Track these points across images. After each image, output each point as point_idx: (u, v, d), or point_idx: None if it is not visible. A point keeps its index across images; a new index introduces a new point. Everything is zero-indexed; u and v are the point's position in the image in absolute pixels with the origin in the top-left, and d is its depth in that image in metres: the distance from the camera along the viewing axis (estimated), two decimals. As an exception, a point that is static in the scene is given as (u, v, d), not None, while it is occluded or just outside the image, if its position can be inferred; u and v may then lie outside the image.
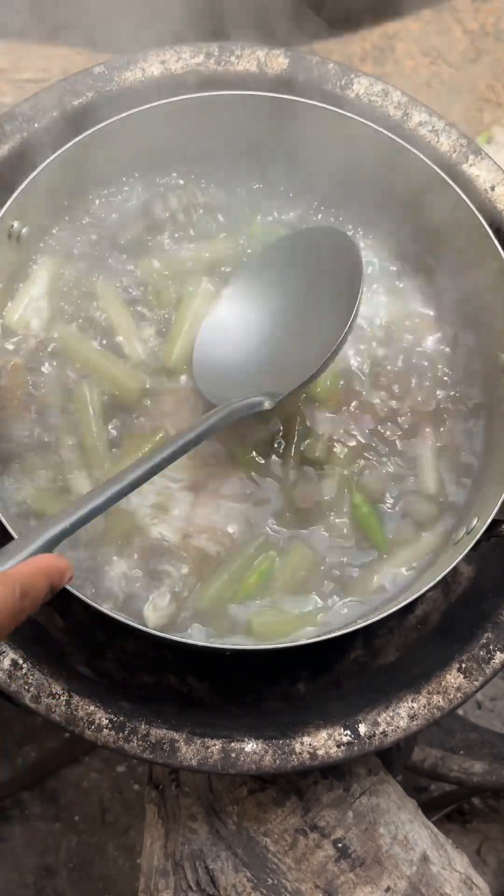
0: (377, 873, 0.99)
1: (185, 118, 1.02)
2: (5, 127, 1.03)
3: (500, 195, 1.05)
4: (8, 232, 0.96)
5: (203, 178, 1.09)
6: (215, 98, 1.00)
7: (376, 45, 1.96)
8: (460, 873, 1.03)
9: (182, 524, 0.98)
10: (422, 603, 1.10)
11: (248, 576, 0.96)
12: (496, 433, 1.01)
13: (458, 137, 1.06)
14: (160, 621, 0.94)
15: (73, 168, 0.99)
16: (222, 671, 1.05)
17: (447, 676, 0.94)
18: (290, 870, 0.98)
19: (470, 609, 1.04)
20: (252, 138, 1.05)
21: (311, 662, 1.07)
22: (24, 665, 0.91)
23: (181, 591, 0.96)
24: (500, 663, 0.95)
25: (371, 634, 1.09)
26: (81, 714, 0.89)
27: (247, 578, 0.96)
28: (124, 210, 1.07)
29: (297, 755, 0.90)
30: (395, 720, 0.92)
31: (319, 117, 1.00)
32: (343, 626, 0.94)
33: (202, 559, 0.97)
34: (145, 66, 1.06)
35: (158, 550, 0.97)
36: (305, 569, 0.98)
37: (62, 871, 1.58)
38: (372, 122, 1.00)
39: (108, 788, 1.63)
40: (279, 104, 1.00)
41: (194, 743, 0.89)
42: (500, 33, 1.97)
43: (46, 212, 1.02)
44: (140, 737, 0.89)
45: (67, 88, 1.05)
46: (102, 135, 0.98)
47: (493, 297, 0.99)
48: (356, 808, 1.02)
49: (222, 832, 1.00)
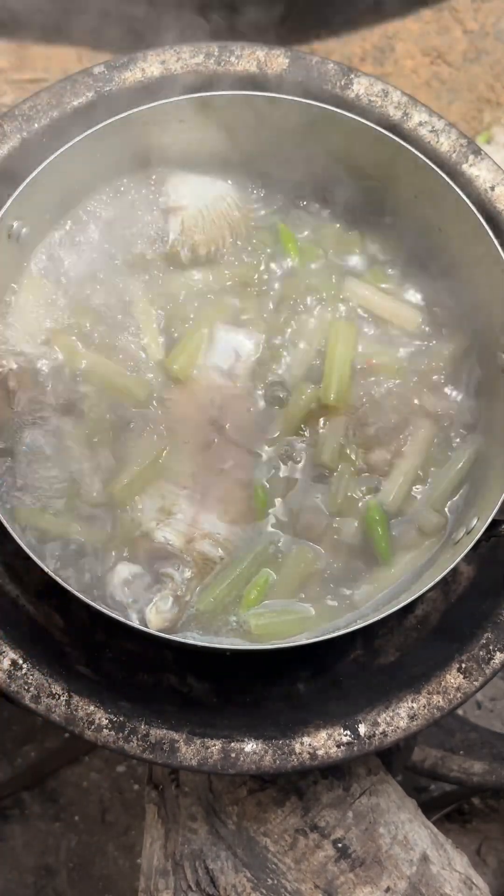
0: (377, 873, 0.99)
1: (185, 118, 1.02)
2: (5, 127, 1.03)
3: (500, 195, 1.05)
4: (8, 232, 0.96)
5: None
6: (215, 98, 1.00)
7: (376, 45, 1.96)
8: (460, 873, 1.03)
9: (186, 528, 0.98)
10: (422, 603, 1.10)
11: (248, 591, 0.97)
12: (496, 433, 1.01)
13: (457, 137, 1.06)
14: (162, 624, 0.95)
15: (74, 168, 0.99)
16: (222, 671, 1.05)
17: (447, 676, 0.94)
18: (289, 870, 0.98)
19: (470, 609, 1.04)
20: (252, 138, 1.05)
21: (311, 662, 1.07)
22: (24, 665, 0.91)
23: (184, 595, 0.96)
24: (500, 663, 0.95)
25: (371, 634, 1.09)
26: (81, 714, 0.89)
27: (247, 594, 0.97)
28: (124, 209, 1.07)
29: (297, 755, 0.90)
30: (395, 720, 0.92)
31: (319, 117, 1.00)
32: (343, 626, 0.94)
33: (205, 563, 0.98)
34: (145, 67, 1.06)
35: (162, 554, 0.97)
36: (306, 572, 0.98)
37: (62, 871, 1.58)
38: (372, 122, 1.00)
39: (108, 788, 1.63)
40: (278, 104, 1.00)
41: (194, 743, 0.89)
42: (500, 33, 1.97)
43: (46, 212, 1.02)
44: (140, 737, 0.89)
45: (67, 88, 1.05)
46: (102, 135, 0.98)
47: (493, 297, 0.99)
48: (356, 808, 1.02)
49: (222, 832, 1.00)
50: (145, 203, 1.07)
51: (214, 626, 0.96)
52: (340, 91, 1.07)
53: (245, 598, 0.97)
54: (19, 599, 1.04)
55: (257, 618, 0.96)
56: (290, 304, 1.05)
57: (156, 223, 1.06)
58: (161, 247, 1.05)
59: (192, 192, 1.06)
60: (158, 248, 1.05)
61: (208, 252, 1.05)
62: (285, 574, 0.98)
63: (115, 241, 1.06)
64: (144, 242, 1.06)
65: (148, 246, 1.06)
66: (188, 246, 1.04)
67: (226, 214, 1.05)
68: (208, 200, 1.05)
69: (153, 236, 1.06)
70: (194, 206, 1.05)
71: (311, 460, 1.01)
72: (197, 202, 1.05)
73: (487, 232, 0.97)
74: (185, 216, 1.04)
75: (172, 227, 1.05)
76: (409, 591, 0.95)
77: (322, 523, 1.00)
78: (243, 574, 0.97)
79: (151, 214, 1.07)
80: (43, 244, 1.04)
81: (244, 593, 0.97)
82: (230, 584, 0.96)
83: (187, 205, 1.05)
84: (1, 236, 0.95)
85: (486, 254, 0.97)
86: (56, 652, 1.01)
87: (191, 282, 1.05)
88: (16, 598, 1.04)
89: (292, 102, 1.00)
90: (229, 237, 1.06)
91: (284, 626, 0.97)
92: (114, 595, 0.96)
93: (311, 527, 0.99)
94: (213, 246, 1.05)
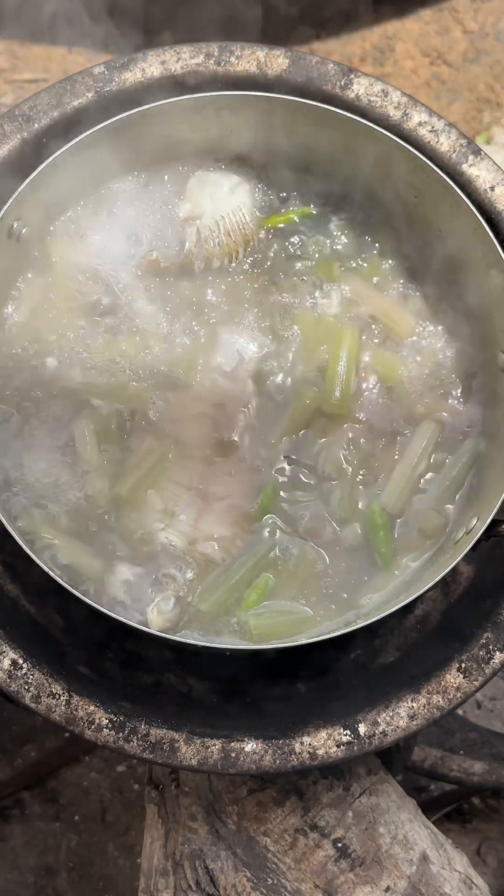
0: (377, 873, 0.99)
1: (185, 118, 1.02)
2: (5, 127, 1.03)
3: (500, 195, 1.05)
4: (8, 232, 0.96)
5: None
6: (215, 98, 1.00)
7: (376, 46, 1.96)
8: (460, 873, 1.03)
9: (188, 529, 0.98)
10: (421, 603, 1.10)
11: (249, 593, 0.97)
12: (496, 434, 1.01)
13: (457, 137, 1.06)
14: (164, 624, 0.95)
15: (73, 168, 0.99)
16: (222, 671, 1.05)
17: (447, 676, 0.94)
18: (289, 869, 0.98)
19: (470, 609, 1.04)
20: (251, 138, 1.05)
21: (311, 662, 1.07)
22: (24, 665, 0.91)
23: (185, 596, 0.96)
24: (500, 663, 0.95)
25: (371, 634, 1.09)
26: (81, 714, 0.89)
27: (248, 596, 0.97)
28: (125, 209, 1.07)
29: (297, 755, 0.90)
30: (394, 720, 0.92)
31: (319, 117, 1.00)
32: (343, 626, 0.94)
33: (207, 564, 0.98)
34: (145, 67, 1.06)
35: (164, 555, 0.97)
36: (307, 574, 0.98)
37: (62, 871, 1.58)
38: (372, 122, 1.00)
39: (108, 788, 1.63)
40: (278, 104, 1.00)
41: (194, 743, 0.89)
42: (499, 33, 1.98)
43: (46, 212, 1.03)
44: (140, 736, 0.89)
45: (67, 88, 1.05)
46: (102, 135, 0.98)
47: (493, 297, 0.99)
48: (356, 807, 1.02)
49: (222, 832, 1.00)
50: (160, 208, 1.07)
51: (215, 627, 0.96)
52: (340, 91, 1.07)
53: (245, 599, 0.97)
54: (19, 599, 1.05)
55: (257, 618, 0.96)
56: (293, 307, 1.05)
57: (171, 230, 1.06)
58: (176, 256, 1.05)
59: (210, 201, 1.06)
60: (173, 257, 1.05)
61: (222, 264, 1.05)
62: (286, 576, 0.98)
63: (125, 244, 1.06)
64: (158, 249, 1.06)
65: (161, 253, 1.06)
66: (202, 257, 1.04)
67: (241, 226, 1.05)
68: (224, 211, 1.05)
69: (165, 245, 1.06)
70: (210, 215, 1.05)
71: (313, 463, 1.01)
72: (213, 212, 1.05)
73: (487, 232, 0.97)
74: (200, 226, 1.05)
75: (189, 237, 1.05)
76: (409, 591, 0.95)
77: (324, 526, 1.00)
78: (245, 577, 0.97)
79: (167, 221, 1.07)
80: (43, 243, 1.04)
81: (245, 595, 0.97)
82: (232, 586, 0.97)
83: (203, 213, 1.05)
84: (1, 236, 0.95)
85: (486, 254, 0.97)
86: (56, 652, 1.01)
87: (200, 288, 1.05)
88: (16, 598, 1.04)
89: (292, 102, 1.00)
90: (243, 250, 1.06)
91: (284, 627, 0.97)
92: (115, 595, 0.96)
93: (313, 529, 1.00)
94: (227, 259, 1.05)
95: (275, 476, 1.01)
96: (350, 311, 1.06)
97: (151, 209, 1.07)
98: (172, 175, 1.08)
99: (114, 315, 1.03)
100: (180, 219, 1.06)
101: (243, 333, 1.03)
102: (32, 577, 1.03)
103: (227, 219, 1.05)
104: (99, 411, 1.00)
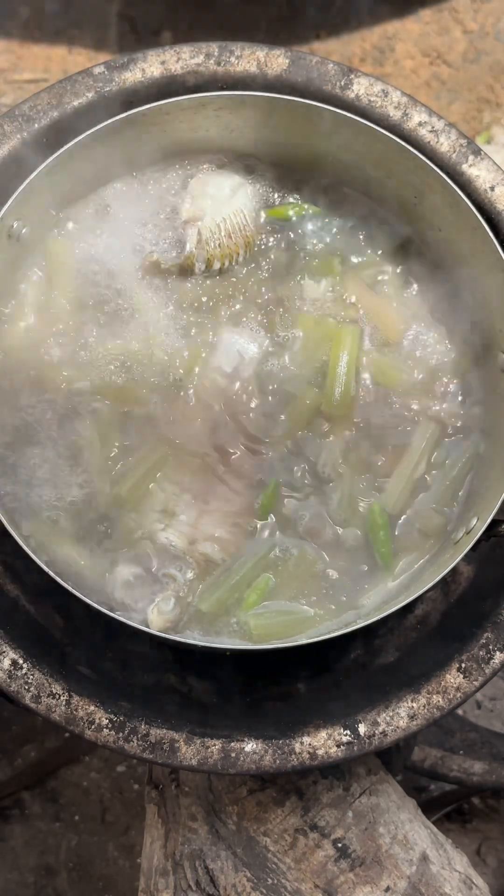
0: (377, 873, 0.99)
1: (185, 119, 1.02)
2: (5, 127, 1.03)
3: (500, 195, 1.05)
4: (8, 232, 0.96)
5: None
6: (215, 98, 1.01)
7: (376, 46, 1.96)
8: (460, 873, 1.03)
9: (188, 529, 0.98)
10: (421, 603, 1.10)
11: (249, 594, 0.97)
12: (496, 434, 1.01)
13: (457, 137, 1.06)
14: (164, 625, 0.95)
15: (74, 168, 0.99)
16: (222, 671, 1.06)
17: (447, 676, 0.94)
18: (289, 869, 0.98)
19: (469, 609, 1.04)
20: (251, 138, 1.05)
21: (311, 662, 1.07)
22: (24, 665, 0.91)
23: (186, 596, 0.97)
24: (500, 663, 0.95)
25: (371, 634, 1.09)
26: (81, 714, 0.90)
27: (248, 597, 0.97)
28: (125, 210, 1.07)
29: (297, 755, 0.90)
30: (394, 720, 0.92)
31: (318, 117, 1.00)
32: (343, 626, 0.94)
33: (207, 564, 0.98)
34: (145, 67, 1.06)
35: (165, 555, 0.97)
36: (307, 574, 0.98)
37: (62, 871, 1.58)
38: (372, 122, 1.00)
39: (108, 788, 1.63)
40: (278, 104, 1.00)
41: (194, 743, 0.89)
42: (499, 34, 1.98)
43: (47, 212, 1.03)
44: (140, 737, 0.89)
45: (67, 88, 1.05)
46: (102, 135, 0.98)
47: (493, 297, 0.99)
48: (356, 807, 1.02)
49: (222, 832, 1.00)
50: (161, 209, 1.07)
51: (215, 627, 0.97)
52: (340, 91, 1.07)
53: (245, 600, 0.97)
54: (19, 599, 1.05)
55: (257, 618, 0.96)
56: (294, 308, 1.05)
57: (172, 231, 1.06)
58: (176, 257, 1.05)
59: (211, 202, 1.06)
60: (174, 258, 1.05)
61: (222, 266, 1.05)
62: (286, 576, 0.98)
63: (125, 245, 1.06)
64: (159, 250, 1.06)
65: (161, 254, 1.05)
66: (203, 259, 1.04)
67: (242, 227, 1.05)
68: (226, 212, 1.05)
69: (165, 246, 1.06)
70: (211, 217, 1.05)
71: (313, 463, 1.01)
72: (214, 213, 1.05)
73: (487, 232, 0.97)
74: (201, 227, 1.05)
75: (189, 238, 1.05)
76: (409, 591, 0.95)
77: (324, 526, 1.00)
78: (245, 577, 0.97)
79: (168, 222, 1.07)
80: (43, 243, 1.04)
81: (245, 596, 0.97)
82: (232, 587, 0.97)
83: (204, 215, 1.05)
84: (1, 236, 0.95)
85: (486, 254, 0.97)
86: (56, 652, 1.01)
87: (200, 289, 1.05)
88: (16, 598, 1.04)
89: (292, 102, 1.00)
90: (244, 252, 1.06)
91: (284, 627, 0.97)
92: (115, 595, 0.96)
93: (313, 530, 1.00)
94: (227, 261, 1.05)
95: (275, 476, 1.01)
96: (350, 311, 1.06)
97: (152, 210, 1.07)
98: (173, 176, 1.08)
99: (114, 316, 1.04)
100: (181, 220, 1.06)
101: (244, 334, 1.04)
102: (32, 577, 1.04)
103: (229, 220, 1.05)
104: (99, 412, 1.00)
